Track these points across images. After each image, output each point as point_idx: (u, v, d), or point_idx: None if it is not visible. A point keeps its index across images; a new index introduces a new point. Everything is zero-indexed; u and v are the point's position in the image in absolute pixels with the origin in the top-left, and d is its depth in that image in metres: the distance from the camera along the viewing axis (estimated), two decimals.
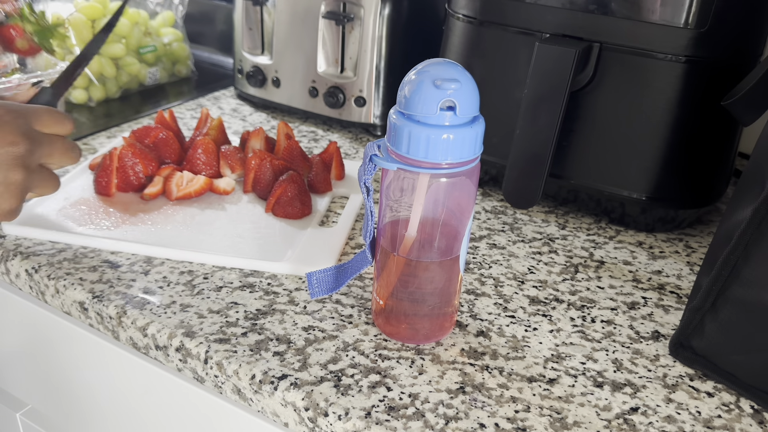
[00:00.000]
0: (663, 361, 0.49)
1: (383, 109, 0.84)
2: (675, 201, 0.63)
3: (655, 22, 0.56)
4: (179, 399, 0.55)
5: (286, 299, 0.53)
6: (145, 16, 0.98)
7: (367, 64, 0.81)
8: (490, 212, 0.69)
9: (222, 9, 1.15)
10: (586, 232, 0.66)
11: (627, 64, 0.59)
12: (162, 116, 0.74)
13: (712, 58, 0.57)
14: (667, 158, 0.61)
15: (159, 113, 0.74)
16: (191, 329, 0.49)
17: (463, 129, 0.40)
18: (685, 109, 0.59)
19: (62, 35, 0.82)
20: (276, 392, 0.44)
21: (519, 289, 0.56)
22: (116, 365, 0.58)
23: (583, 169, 0.64)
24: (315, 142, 0.84)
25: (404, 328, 0.48)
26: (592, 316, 0.53)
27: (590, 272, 0.59)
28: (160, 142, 0.69)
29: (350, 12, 0.80)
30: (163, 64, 1.02)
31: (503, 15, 0.63)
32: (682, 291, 0.57)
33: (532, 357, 0.48)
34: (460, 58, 0.67)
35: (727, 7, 0.55)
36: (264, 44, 0.88)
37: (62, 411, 0.69)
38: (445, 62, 0.41)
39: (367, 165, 0.44)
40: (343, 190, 0.70)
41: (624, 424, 0.43)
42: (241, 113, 0.91)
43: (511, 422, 0.42)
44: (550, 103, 0.58)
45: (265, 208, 0.64)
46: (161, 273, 0.55)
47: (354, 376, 0.45)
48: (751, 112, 0.52)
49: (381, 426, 0.41)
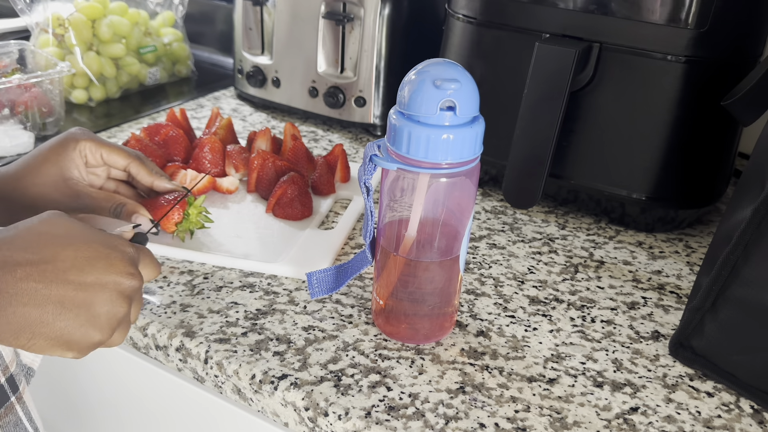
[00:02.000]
0: (663, 361, 0.49)
1: (383, 109, 0.84)
2: (675, 201, 0.63)
3: (655, 22, 0.56)
4: (179, 399, 0.55)
5: (286, 299, 0.53)
6: (145, 16, 0.98)
7: (367, 64, 0.81)
8: (490, 212, 0.69)
9: (222, 9, 1.15)
10: (586, 232, 0.66)
11: (627, 64, 0.59)
12: (173, 114, 0.74)
13: (712, 58, 0.57)
14: (667, 158, 0.61)
15: (170, 111, 0.74)
16: (191, 329, 0.49)
17: (463, 129, 0.40)
18: (685, 109, 0.59)
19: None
20: (276, 392, 0.44)
21: (519, 289, 0.56)
22: (116, 365, 0.58)
23: (583, 169, 0.64)
24: (315, 142, 0.84)
25: (404, 328, 0.48)
26: (592, 316, 0.53)
27: (590, 272, 0.59)
28: (170, 140, 0.69)
29: (350, 12, 0.80)
30: (163, 64, 1.02)
31: (503, 15, 0.63)
32: (682, 291, 0.57)
33: (532, 357, 0.48)
34: (460, 58, 0.67)
35: (727, 7, 0.55)
36: (264, 44, 0.88)
37: (62, 411, 0.69)
38: (445, 62, 0.41)
39: (367, 165, 0.44)
40: (347, 192, 0.69)
41: (624, 424, 0.43)
42: (241, 113, 0.91)
43: (511, 422, 0.42)
44: (550, 103, 0.58)
45: (266, 208, 0.64)
46: (161, 273, 0.55)
47: (354, 376, 0.45)
48: (751, 112, 0.52)
49: (381, 426, 0.41)
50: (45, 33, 0.89)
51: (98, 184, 0.56)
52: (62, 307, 0.38)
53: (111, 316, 0.40)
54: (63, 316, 0.38)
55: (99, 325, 0.40)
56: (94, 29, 0.90)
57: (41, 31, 0.89)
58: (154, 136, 0.69)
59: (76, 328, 0.38)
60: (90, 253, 0.39)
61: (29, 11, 0.90)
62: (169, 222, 0.56)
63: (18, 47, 0.84)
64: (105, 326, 0.40)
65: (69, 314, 0.38)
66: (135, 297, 0.42)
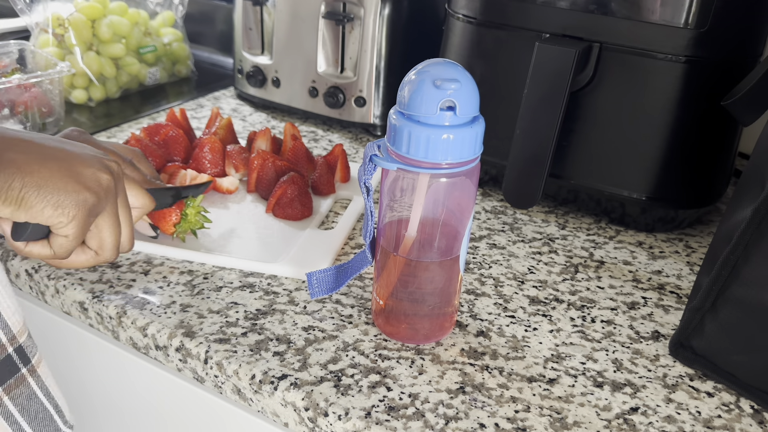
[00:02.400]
0: (663, 361, 0.49)
1: (383, 109, 0.84)
2: (675, 201, 0.63)
3: (655, 22, 0.56)
4: (179, 399, 0.55)
5: (286, 299, 0.53)
6: (145, 16, 0.98)
7: (367, 64, 0.81)
8: (490, 212, 0.69)
9: (222, 9, 1.15)
10: (586, 232, 0.66)
11: (627, 64, 0.59)
12: (173, 114, 0.74)
13: (712, 58, 0.57)
14: (667, 158, 0.61)
15: (170, 111, 0.74)
16: (191, 329, 0.49)
17: (463, 129, 0.40)
18: (685, 109, 0.59)
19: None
20: (276, 392, 0.44)
21: (519, 289, 0.56)
22: (116, 365, 0.58)
23: (583, 169, 0.64)
24: (315, 142, 0.84)
25: (404, 328, 0.48)
26: (592, 316, 0.53)
27: (590, 272, 0.59)
28: (170, 140, 0.69)
29: (350, 12, 0.80)
30: (163, 64, 1.02)
31: (503, 15, 0.63)
32: (682, 291, 0.57)
33: (532, 357, 0.48)
34: (460, 58, 0.67)
35: (727, 7, 0.55)
36: (264, 44, 0.88)
37: None
38: (445, 62, 0.41)
39: (367, 165, 0.44)
40: (347, 192, 0.69)
41: (624, 424, 0.43)
42: (241, 113, 0.91)
43: (511, 422, 0.42)
44: (550, 103, 0.58)
45: (266, 208, 0.64)
46: (161, 273, 0.55)
47: (354, 376, 0.45)
48: (751, 112, 0.52)
49: (381, 426, 0.41)
50: (45, 33, 0.89)
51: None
52: (45, 157, 0.41)
53: (95, 178, 0.43)
54: (47, 165, 0.41)
55: (84, 182, 0.42)
56: (94, 29, 0.90)
57: (41, 31, 0.89)
58: (154, 136, 0.69)
59: (62, 179, 0.41)
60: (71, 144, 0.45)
61: (29, 11, 0.90)
62: (167, 223, 0.56)
63: (18, 47, 0.84)
64: (91, 185, 0.43)
65: (52, 163, 0.41)
66: (118, 181, 0.45)
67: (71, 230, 0.42)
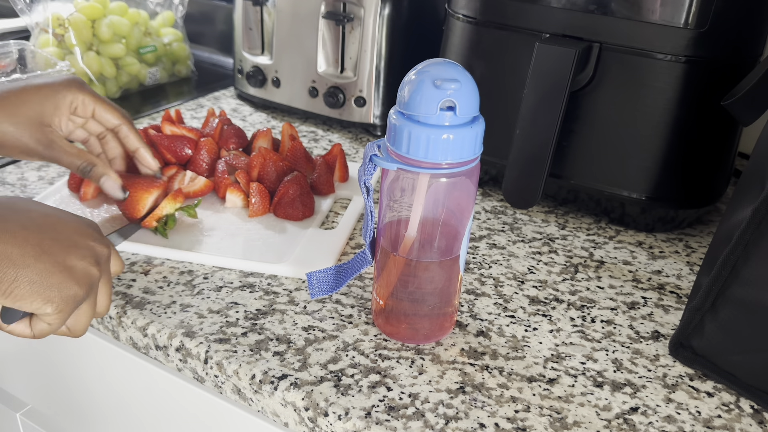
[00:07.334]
0: (663, 361, 0.49)
1: (383, 109, 0.84)
2: (675, 201, 0.63)
3: (655, 22, 0.56)
4: (179, 399, 0.55)
5: (286, 299, 0.53)
6: (145, 16, 0.98)
7: (367, 64, 0.81)
8: (490, 212, 0.69)
9: (222, 9, 1.15)
10: (586, 232, 0.66)
11: (627, 64, 0.59)
12: (168, 115, 0.74)
13: (712, 58, 0.57)
14: (667, 158, 0.61)
15: (165, 112, 0.74)
16: (191, 329, 0.49)
17: (463, 129, 0.40)
18: (685, 109, 0.59)
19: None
20: (276, 392, 0.44)
21: (519, 289, 0.56)
22: (116, 365, 0.58)
23: (583, 169, 0.64)
24: (315, 142, 0.84)
25: (404, 328, 0.48)
26: (592, 316, 0.53)
27: (590, 272, 0.59)
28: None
29: (350, 12, 0.80)
30: (163, 64, 1.02)
31: (503, 15, 0.63)
32: (682, 291, 0.57)
33: (532, 357, 0.48)
34: (460, 58, 0.67)
35: (727, 7, 0.55)
36: (264, 44, 0.88)
37: (62, 411, 0.69)
38: (445, 62, 0.41)
39: (367, 165, 0.44)
40: (346, 192, 0.69)
41: (624, 424, 0.43)
42: (241, 113, 0.91)
43: (511, 422, 0.42)
44: (550, 103, 0.58)
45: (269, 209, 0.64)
46: (161, 273, 0.55)
47: (354, 376, 0.45)
48: (751, 112, 0.52)
49: (381, 426, 0.41)
50: (45, 33, 0.89)
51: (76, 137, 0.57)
52: (41, 251, 0.40)
53: (86, 272, 0.42)
54: (42, 260, 0.40)
55: (75, 278, 0.42)
56: (94, 29, 0.90)
57: (41, 31, 0.89)
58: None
59: (55, 274, 0.40)
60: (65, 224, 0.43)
61: (29, 11, 0.90)
62: (138, 210, 0.58)
63: (18, 47, 0.84)
64: (81, 280, 0.42)
65: (48, 258, 0.40)
66: (104, 270, 0.44)
67: (55, 320, 0.42)
